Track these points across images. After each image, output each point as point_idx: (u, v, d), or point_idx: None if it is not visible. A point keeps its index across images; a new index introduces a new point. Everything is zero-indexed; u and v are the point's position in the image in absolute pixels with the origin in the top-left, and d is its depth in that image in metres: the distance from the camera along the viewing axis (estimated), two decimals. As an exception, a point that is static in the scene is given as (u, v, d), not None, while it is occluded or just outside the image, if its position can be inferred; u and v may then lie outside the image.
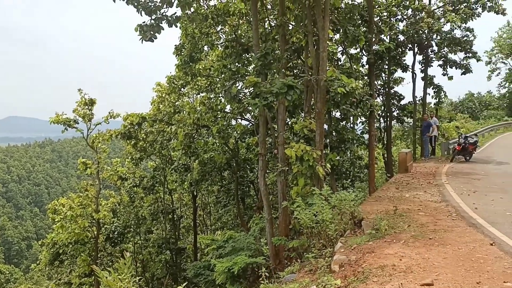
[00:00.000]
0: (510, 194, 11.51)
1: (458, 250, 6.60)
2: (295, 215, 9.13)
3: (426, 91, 23.98)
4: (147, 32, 11.90)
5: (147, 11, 11.74)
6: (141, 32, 11.84)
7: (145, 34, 11.88)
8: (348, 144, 15.55)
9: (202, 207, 29.02)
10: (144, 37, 11.95)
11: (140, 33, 11.86)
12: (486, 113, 51.41)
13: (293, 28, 14.68)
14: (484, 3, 21.16)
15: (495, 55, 56.16)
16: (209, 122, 17.74)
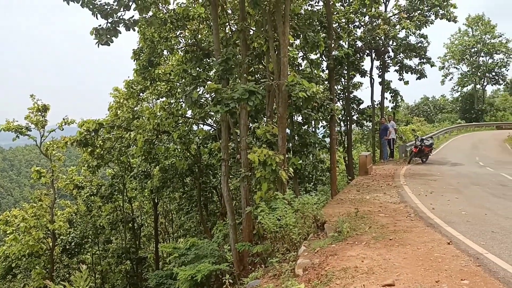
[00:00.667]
0: (464, 194, 11.94)
1: (417, 250, 6.74)
2: (259, 220, 9.09)
3: (383, 95, 24.67)
4: (103, 35, 11.54)
5: (103, 14, 11.41)
6: (97, 35, 11.47)
7: (101, 38, 11.53)
8: (310, 148, 15.68)
9: (164, 214, 28.44)
10: (100, 41, 11.60)
11: (96, 37, 11.50)
12: (441, 116, 53.46)
13: (254, 33, 14.72)
14: (436, 11, 22.04)
15: (447, 61, 58.62)
16: (170, 128, 17.44)
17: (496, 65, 56.92)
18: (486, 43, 56.18)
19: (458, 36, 58.41)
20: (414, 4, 22.94)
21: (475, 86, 59.02)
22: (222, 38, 14.87)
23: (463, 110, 56.48)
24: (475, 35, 57.40)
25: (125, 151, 19.88)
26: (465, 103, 57.71)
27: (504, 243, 6.80)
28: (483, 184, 13.75)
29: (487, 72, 57.23)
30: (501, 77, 57.58)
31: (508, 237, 7.17)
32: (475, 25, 57.01)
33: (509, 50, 55.67)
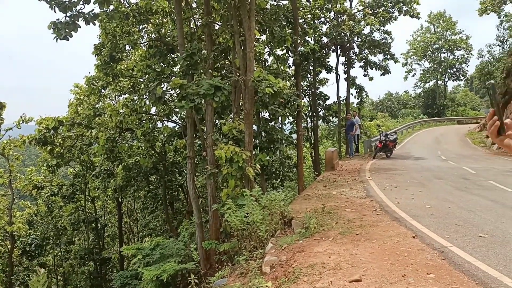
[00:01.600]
0: (428, 188, 12.14)
1: (384, 244, 6.74)
2: (226, 218, 8.93)
3: (349, 91, 24.90)
4: (61, 30, 11.09)
5: (61, 8, 10.93)
6: (55, 30, 11.01)
7: (60, 32, 11.07)
8: (277, 144, 15.63)
9: (128, 214, 27.81)
10: (58, 35, 11.13)
11: (54, 31, 11.03)
12: (404, 112, 54.73)
13: (220, 28, 14.48)
14: (400, 7, 22.40)
15: (410, 57, 60.01)
16: (133, 125, 16.97)
17: (457, 61, 58.78)
18: (447, 39, 57.87)
19: (420, 32, 59.93)
20: (378, 1, 23.23)
21: (437, 82, 60.74)
22: (187, 32, 14.57)
23: (426, 106, 58.04)
24: (436, 31, 59.01)
25: (86, 150, 19.25)
26: (427, 98, 59.32)
27: (468, 236, 6.89)
28: (445, 178, 14.04)
29: (448, 68, 58.99)
30: (461, 73, 59.54)
31: (471, 230, 7.28)
32: (437, 22, 58.62)
33: (469, 47, 57.57)
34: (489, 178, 13.51)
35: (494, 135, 1.64)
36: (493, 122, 1.62)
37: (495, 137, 1.64)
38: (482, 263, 5.62)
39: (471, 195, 10.86)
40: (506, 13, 31.68)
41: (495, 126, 1.62)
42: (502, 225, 7.49)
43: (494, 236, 6.83)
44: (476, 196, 10.59)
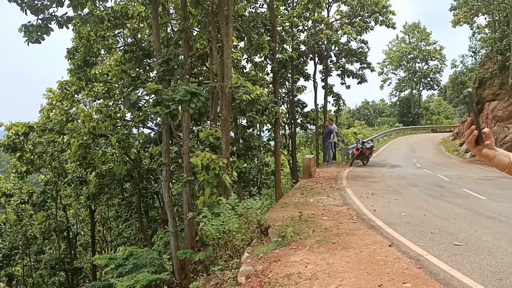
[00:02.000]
0: (403, 196, 12.22)
1: (360, 253, 6.68)
2: (201, 227, 8.74)
3: (326, 99, 25.09)
4: (33, 33, 10.80)
5: (33, 10, 10.65)
6: (26, 33, 10.70)
7: (31, 35, 10.78)
8: (255, 151, 15.52)
9: (101, 222, 27.12)
10: (30, 39, 10.83)
11: (26, 34, 10.73)
12: (380, 120, 55.52)
13: (197, 34, 14.34)
14: (376, 17, 22.73)
15: (386, 66, 61.09)
16: (107, 131, 16.59)
17: (431, 71, 60.15)
18: (422, 50, 59.18)
19: (396, 42, 61.15)
20: (355, 10, 23.52)
21: (411, 91, 61.91)
22: (163, 38, 14.38)
23: (401, 114, 59.03)
24: (411, 42, 60.28)
25: (58, 156, 18.70)
26: (402, 107, 60.35)
27: (443, 244, 6.90)
28: (420, 186, 14.18)
29: (423, 77, 60.29)
30: (435, 83, 60.97)
31: (446, 238, 7.29)
32: (412, 33, 59.91)
33: (442, 57, 59.01)
34: (463, 186, 13.71)
35: (472, 145, 1.58)
36: (471, 132, 1.56)
37: (473, 147, 1.58)
38: (458, 272, 5.61)
39: (446, 202, 10.96)
40: (478, 25, 32.52)
41: (473, 136, 1.55)
42: (476, 233, 7.53)
43: (469, 244, 6.85)
44: (450, 204, 10.69)
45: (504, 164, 1.60)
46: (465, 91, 1.60)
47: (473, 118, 1.56)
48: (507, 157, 1.60)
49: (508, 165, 1.60)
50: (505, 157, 1.60)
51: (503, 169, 1.61)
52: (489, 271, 5.57)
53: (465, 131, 1.60)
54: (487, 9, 27.16)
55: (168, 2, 15.88)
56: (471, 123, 1.56)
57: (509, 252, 6.28)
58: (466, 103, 1.60)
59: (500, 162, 1.60)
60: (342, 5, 24.58)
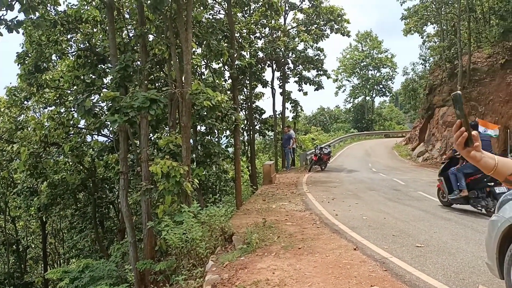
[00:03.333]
0: (363, 199, 12.45)
1: (326, 257, 6.69)
2: (163, 236, 8.49)
3: (284, 105, 25.34)
4: (-21, 36, 10.21)
5: (-22, 13, 10.07)
6: (-28, 36, 10.11)
7: (-22, 38, 10.18)
8: (215, 158, 15.37)
9: (54, 234, 25.92)
10: (-24, 41, 10.24)
11: (-29, 38, 10.12)
12: (336, 126, 56.72)
13: (154, 39, 14.07)
14: (332, 25, 23.22)
15: (340, 73, 62.70)
16: (60, 139, 15.90)
17: (383, 78, 62.30)
18: (374, 57, 61.20)
19: (349, 50, 62.92)
20: (311, 18, 23.94)
21: (365, 97, 63.82)
22: (119, 43, 14.00)
23: (355, 120, 60.64)
24: (364, 50, 62.19)
25: (6, 166, 17.73)
26: (356, 113, 62.04)
27: (405, 246, 7.04)
28: (378, 189, 14.51)
29: (376, 84, 62.35)
30: (387, 89, 63.15)
31: (408, 240, 7.46)
32: (364, 41, 61.84)
33: (394, 65, 61.30)
34: (418, 189, 14.16)
35: (461, 147, 1.60)
36: (460, 134, 1.58)
37: (462, 148, 1.61)
38: (422, 273, 5.72)
39: (404, 205, 11.25)
40: (428, 34, 33.95)
41: (463, 138, 1.58)
42: (435, 235, 7.75)
43: (430, 245, 7.03)
44: (408, 207, 10.99)
45: (490, 167, 1.64)
46: (453, 93, 1.60)
47: (462, 121, 1.57)
48: (493, 159, 1.64)
49: (493, 167, 1.64)
50: (490, 160, 1.64)
51: (489, 171, 1.65)
52: (451, 271, 5.72)
53: (453, 133, 1.62)
54: (436, 19, 28.47)
55: (124, 7, 15.50)
56: (460, 125, 1.58)
57: (469, 252, 6.49)
58: (454, 105, 1.60)
59: (486, 164, 1.63)
60: (299, 13, 24.99)
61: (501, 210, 4.11)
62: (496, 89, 21.56)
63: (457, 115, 1.59)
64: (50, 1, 13.50)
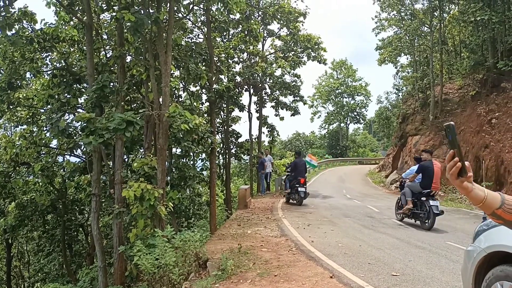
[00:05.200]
0: (338, 226, 12.46)
1: (303, 285, 6.61)
2: (135, 261, 8.26)
3: (261, 130, 25.48)
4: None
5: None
6: None
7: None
8: (190, 181, 15.20)
9: (19, 256, 24.91)
10: None
11: None
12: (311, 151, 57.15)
13: (132, 61, 14.01)
14: (309, 53, 23.67)
15: (316, 100, 63.71)
16: (31, 159, 15.47)
17: (357, 106, 63.52)
18: (349, 85, 62.56)
19: (325, 78, 64.17)
20: (289, 45, 24.35)
21: (340, 124, 64.82)
22: (97, 63, 13.88)
23: (330, 146, 61.37)
24: (339, 77, 63.53)
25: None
26: (331, 139, 62.86)
27: (381, 275, 7.03)
28: (353, 216, 14.57)
29: (350, 111, 63.49)
30: (361, 117, 64.38)
31: (383, 269, 7.46)
32: (339, 69, 63.25)
33: (368, 93, 62.73)
34: (392, 217, 14.27)
35: (454, 177, 1.59)
36: (454, 164, 1.57)
37: (455, 178, 1.60)
38: (398, 302, 5.71)
39: (378, 233, 11.30)
40: (401, 64, 35.04)
41: (456, 168, 1.57)
42: (410, 263, 7.78)
43: (405, 274, 7.05)
44: (383, 235, 11.04)
45: (479, 198, 1.63)
46: (446, 124, 1.60)
47: (456, 151, 1.57)
48: (482, 191, 1.63)
49: (483, 199, 1.62)
50: (480, 192, 1.63)
51: (478, 203, 1.64)
52: (427, 301, 5.72)
53: (446, 163, 1.61)
54: (409, 50, 29.45)
55: (102, 27, 15.44)
56: (453, 155, 1.58)
57: (443, 282, 6.53)
58: (447, 135, 1.60)
59: (476, 196, 1.62)
60: (277, 39, 25.42)
61: (477, 240, 4.17)
62: (467, 119, 22.24)
63: (450, 145, 1.59)
64: (27, 18, 13.35)
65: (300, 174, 16.96)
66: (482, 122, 20.58)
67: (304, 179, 17.06)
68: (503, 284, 3.74)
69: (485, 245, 4.00)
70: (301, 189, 16.81)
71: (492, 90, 21.47)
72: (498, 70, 21.04)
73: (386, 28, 30.50)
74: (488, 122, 20.19)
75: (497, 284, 3.80)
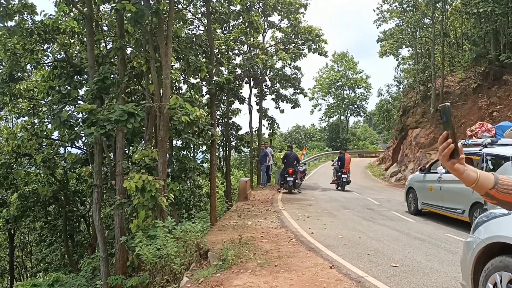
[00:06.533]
0: (338, 218, 12.53)
1: (303, 275, 6.68)
2: (137, 251, 8.33)
3: (261, 122, 25.46)
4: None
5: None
6: None
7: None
8: (190, 173, 15.26)
9: (21, 247, 25.08)
10: None
11: None
12: (311, 144, 57.19)
13: (132, 52, 14.00)
14: (310, 45, 23.59)
15: (316, 92, 63.56)
16: (33, 150, 15.51)
17: (358, 99, 63.39)
18: (349, 78, 62.37)
19: (325, 70, 63.96)
20: (290, 37, 24.29)
21: (340, 117, 64.72)
22: (97, 55, 13.86)
23: (330, 139, 61.37)
24: (340, 70, 63.34)
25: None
26: (331, 132, 62.82)
27: (380, 265, 7.10)
28: (352, 208, 14.64)
29: (350, 104, 63.36)
30: (362, 110, 64.26)
31: (382, 259, 7.53)
32: (340, 61, 63.02)
33: (368, 86, 62.56)
34: (391, 209, 14.36)
35: (446, 158, 1.59)
36: (446, 145, 1.58)
37: (446, 160, 1.60)
38: (397, 292, 5.77)
39: (378, 225, 11.37)
40: (402, 56, 34.92)
41: (449, 149, 1.57)
42: (409, 255, 7.85)
43: (404, 265, 7.12)
44: (382, 226, 11.11)
45: (472, 179, 1.63)
46: (442, 105, 1.60)
47: (450, 132, 1.57)
48: (475, 172, 1.64)
49: (475, 180, 1.63)
50: (473, 173, 1.64)
51: (471, 184, 1.64)
52: (426, 291, 5.79)
53: (439, 144, 1.61)
54: (410, 42, 29.35)
55: (102, 19, 15.41)
56: (447, 137, 1.58)
57: (442, 273, 6.59)
58: (442, 116, 1.60)
59: (469, 177, 1.63)
60: (277, 31, 25.32)
61: (476, 232, 4.21)
62: (468, 112, 22.24)
63: (444, 127, 1.59)
64: (27, 9, 13.31)
65: (290, 166, 18.52)
66: (483, 115, 20.58)
67: (292, 169, 18.47)
68: (502, 274, 3.79)
69: (484, 236, 4.05)
70: (290, 179, 18.52)
71: (494, 83, 21.45)
72: (500, 62, 20.99)
73: (387, 20, 30.36)
74: (489, 115, 20.19)
75: (496, 275, 3.84)
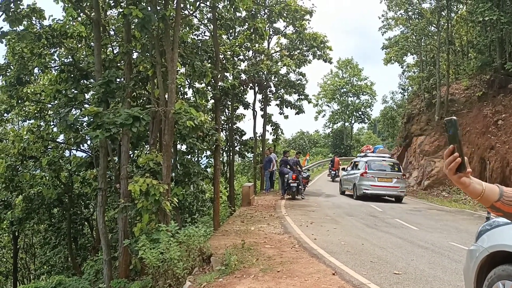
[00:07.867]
0: (341, 225, 12.52)
1: (305, 281, 6.69)
2: (140, 255, 8.37)
3: (265, 128, 25.52)
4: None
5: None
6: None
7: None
8: (194, 177, 15.30)
9: (25, 249, 25.19)
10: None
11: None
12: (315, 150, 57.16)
13: (139, 57, 14.11)
14: (314, 51, 23.66)
15: (321, 99, 63.62)
16: (38, 153, 15.62)
17: (362, 105, 63.39)
18: (354, 85, 62.41)
19: (330, 76, 64.05)
20: (294, 44, 24.39)
21: (344, 123, 64.71)
22: (104, 59, 13.98)
23: (334, 145, 61.33)
24: (344, 77, 63.40)
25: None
26: (335, 138, 62.79)
27: (383, 273, 7.10)
28: (356, 215, 14.62)
29: (355, 111, 63.37)
30: (366, 116, 64.25)
31: (385, 267, 7.53)
32: (345, 68, 63.10)
33: (373, 92, 62.57)
34: (395, 216, 14.33)
35: (452, 172, 1.59)
36: (453, 159, 1.57)
37: (452, 174, 1.59)
38: (400, 300, 5.77)
39: (381, 232, 11.36)
40: (407, 64, 34.93)
41: (456, 163, 1.57)
42: (412, 262, 7.85)
43: (407, 273, 7.11)
44: (386, 234, 11.10)
45: (477, 192, 1.62)
46: (448, 119, 1.59)
47: (456, 146, 1.56)
48: (480, 185, 1.63)
49: (481, 193, 1.62)
50: (478, 185, 1.62)
51: (476, 196, 1.64)
52: (428, 299, 5.78)
53: (445, 158, 1.60)
54: (416, 50, 29.35)
55: (109, 24, 15.55)
56: (453, 151, 1.57)
57: (445, 281, 6.59)
58: (448, 130, 1.59)
59: (474, 190, 1.62)
60: (282, 38, 25.43)
61: (480, 240, 4.22)
62: (473, 120, 22.19)
63: (450, 141, 1.58)
64: (36, 14, 13.46)
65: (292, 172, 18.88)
66: (488, 123, 20.54)
67: (295, 175, 18.61)
68: (504, 283, 3.79)
69: (487, 244, 4.05)
70: (293, 184, 18.58)
71: (499, 91, 21.41)
72: (505, 71, 20.96)
73: (392, 27, 30.43)
74: (494, 124, 20.15)
75: (499, 284, 3.85)
